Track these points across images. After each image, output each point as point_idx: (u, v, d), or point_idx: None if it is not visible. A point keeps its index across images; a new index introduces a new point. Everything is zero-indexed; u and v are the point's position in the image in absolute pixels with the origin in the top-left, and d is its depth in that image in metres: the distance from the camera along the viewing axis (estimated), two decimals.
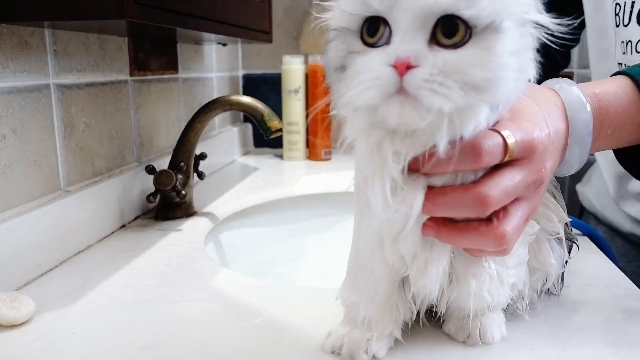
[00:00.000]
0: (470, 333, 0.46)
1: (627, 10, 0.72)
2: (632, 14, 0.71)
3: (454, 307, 0.46)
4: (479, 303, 0.44)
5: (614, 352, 0.46)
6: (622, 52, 0.74)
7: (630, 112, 0.46)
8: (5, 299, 0.51)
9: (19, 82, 0.62)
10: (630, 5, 0.72)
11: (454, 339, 0.48)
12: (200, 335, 0.49)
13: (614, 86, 0.47)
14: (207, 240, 0.81)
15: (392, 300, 0.44)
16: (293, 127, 1.31)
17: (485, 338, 0.46)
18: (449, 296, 0.44)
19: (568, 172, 0.47)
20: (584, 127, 0.44)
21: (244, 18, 0.93)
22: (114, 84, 0.82)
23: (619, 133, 0.47)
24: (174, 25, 0.67)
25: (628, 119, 0.46)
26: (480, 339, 0.46)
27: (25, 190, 0.63)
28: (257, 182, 1.10)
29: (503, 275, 0.44)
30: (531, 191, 0.41)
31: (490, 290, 0.44)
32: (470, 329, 0.46)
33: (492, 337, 0.46)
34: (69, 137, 0.71)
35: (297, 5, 1.40)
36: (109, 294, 0.58)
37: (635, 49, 0.71)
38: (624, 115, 0.46)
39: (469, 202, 0.38)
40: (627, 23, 0.72)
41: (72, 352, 0.47)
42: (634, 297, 0.55)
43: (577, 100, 0.44)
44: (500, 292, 0.45)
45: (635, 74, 0.47)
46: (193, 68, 1.13)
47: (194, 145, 0.87)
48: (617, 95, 0.46)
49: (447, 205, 0.38)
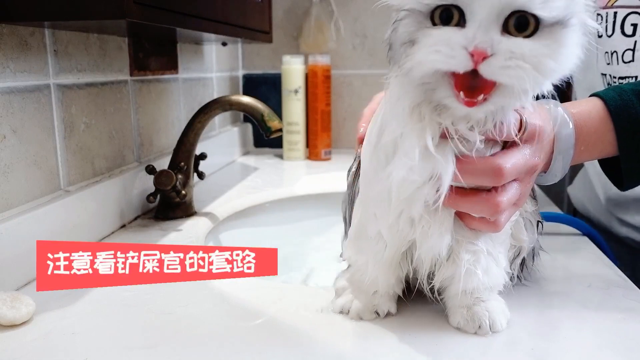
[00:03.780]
0: (480, 323, 0.48)
1: (610, 21, 0.72)
2: (616, 24, 0.72)
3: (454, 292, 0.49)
4: (472, 281, 0.47)
5: (614, 352, 0.46)
6: (607, 62, 0.74)
7: (602, 132, 0.52)
8: (5, 299, 0.51)
9: (19, 82, 0.62)
10: (613, 16, 0.72)
11: (464, 331, 0.49)
12: (200, 335, 0.49)
13: (588, 107, 0.52)
14: (207, 240, 0.81)
15: (396, 260, 0.49)
16: (293, 127, 1.31)
17: (494, 327, 0.48)
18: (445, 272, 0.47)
19: (552, 180, 0.53)
20: (567, 140, 0.50)
21: (244, 18, 0.93)
22: (114, 84, 0.82)
23: (592, 149, 0.52)
24: (174, 25, 0.67)
25: (599, 137, 0.52)
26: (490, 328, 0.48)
27: (25, 190, 0.63)
28: (257, 182, 1.10)
29: (496, 255, 0.48)
30: (526, 175, 0.47)
31: (486, 268, 0.47)
32: (479, 319, 0.48)
33: (500, 324, 0.49)
34: (69, 137, 0.71)
35: (297, 5, 1.40)
36: (109, 294, 0.58)
37: (622, 59, 0.72)
38: (596, 135, 0.52)
39: (489, 171, 0.43)
40: (610, 34, 0.73)
41: (72, 352, 0.47)
42: (634, 297, 0.56)
43: (562, 118, 0.50)
44: (496, 272, 0.48)
45: (608, 97, 0.52)
46: (193, 68, 1.13)
47: (194, 145, 0.87)
48: (590, 116, 0.52)
49: (470, 173, 0.43)
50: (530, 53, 0.36)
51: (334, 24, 1.38)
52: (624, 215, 0.82)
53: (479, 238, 0.47)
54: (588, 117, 0.52)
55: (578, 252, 0.69)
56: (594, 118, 0.52)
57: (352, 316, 0.52)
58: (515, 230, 0.52)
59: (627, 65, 0.71)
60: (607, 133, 0.52)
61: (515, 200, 0.46)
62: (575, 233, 0.75)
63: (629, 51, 0.71)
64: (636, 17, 0.70)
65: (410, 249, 0.48)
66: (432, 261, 0.47)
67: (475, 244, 0.47)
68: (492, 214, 0.45)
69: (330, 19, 1.38)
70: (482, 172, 0.43)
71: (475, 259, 0.47)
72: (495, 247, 0.48)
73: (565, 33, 0.37)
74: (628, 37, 0.71)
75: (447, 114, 0.41)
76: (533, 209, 0.54)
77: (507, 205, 0.45)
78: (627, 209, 0.81)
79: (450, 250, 0.47)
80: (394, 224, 0.46)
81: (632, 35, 0.70)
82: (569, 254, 0.68)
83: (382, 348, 0.47)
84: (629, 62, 0.71)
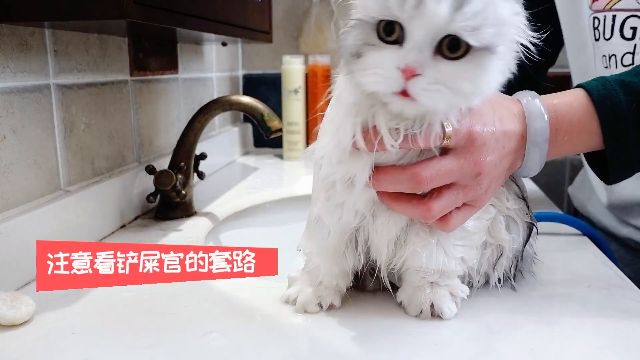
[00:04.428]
0: (422, 308, 0.51)
1: (609, 24, 0.72)
2: (615, 28, 0.71)
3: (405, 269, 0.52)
4: (415, 260, 0.50)
5: (614, 352, 0.46)
6: (604, 66, 0.74)
7: (586, 121, 0.52)
8: (5, 299, 0.51)
9: (19, 82, 0.62)
10: (612, 19, 0.71)
11: (407, 313, 0.52)
12: (201, 335, 0.49)
13: (571, 98, 0.53)
14: (207, 240, 0.81)
15: (340, 250, 0.52)
16: (293, 127, 1.31)
17: (442, 313, 0.50)
18: (398, 254, 0.50)
19: (528, 174, 0.53)
20: (540, 133, 0.51)
21: (244, 18, 0.93)
22: (114, 84, 0.82)
23: (576, 140, 0.52)
24: (174, 25, 0.68)
25: (583, 127, 0.52)
26: (432, 315, 0.51)
27: (25, 190, 0.63)
28: (257, 182, 1.10)
29: (446, 246, 0.50)
30: (469, 180, 0.48)
31: (430, 254, 0.49)
32: (420, 303, 0.51)
33: (445, 311, 0.50)
34: (69, 137, 0.71)
35: (297, 5, 1.40)
36: (109, 294, 0.58)
37: (622, 62, 0.72)
38: (579, 124, 0.52)
39: (405, 178, 0.46)
40: (608, 37, 0.72)
41: (72, 352, 0.47)
42: (634, 297, 0.56)
43: (537, 111, 0.51)
44: (444, 261, 0.50)
45: (591, 87, 0.53)
46: (193, 68, 1.13)
47: (194, 145, 0.87)
48: (572, 106, 0.52)
49: (387, 182, 0.46)
50: (451, 77, 0.40)
51: (334, 24, 1.38)
52: (627, 217, 0.82)
53: (431, 229, 0.50)
54: (570, 107, 0.52)
55: (578, 252, 0.69)
56: (576, 108, 0.52)
57: (297, 308, 0.53)
58: (493, 228, 0.53)
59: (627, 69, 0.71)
60: (592, 122, 0.52)
61: (457, 205, 0.48)
62: (575, 233, 0.75)
63: (628, 54, 0.71)
64: (635, 21, 0.70)
65: (358, 239, 0.51)
66: (389, 248, 0.50)
67: (427, 233, 0.49)
68: (425, 218, 0.47)
69: (330, 19, 1.38)
70: (399, 180, 0.46)
71: (423, 244, 0.49)
72: (450, 240, 0.50)
73: (490, 59, 0.41)
74: (627, 41, 0.71)
75: (381, 111, 0.44)
76: (516, 207, 0.54)
77: (440, 211, 0.47)
78: (631, 212, 0.81)
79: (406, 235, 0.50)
80: (335, 211, 0.50)
81: (631, 38, 0.70)
82: (569, 254, 0.68)
83: (383, 348, 0.47)
84: (629, 66, 0.71)
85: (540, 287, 0.58)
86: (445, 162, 0.46)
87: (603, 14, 0.72)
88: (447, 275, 0.51)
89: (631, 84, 0.52)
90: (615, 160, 0.53)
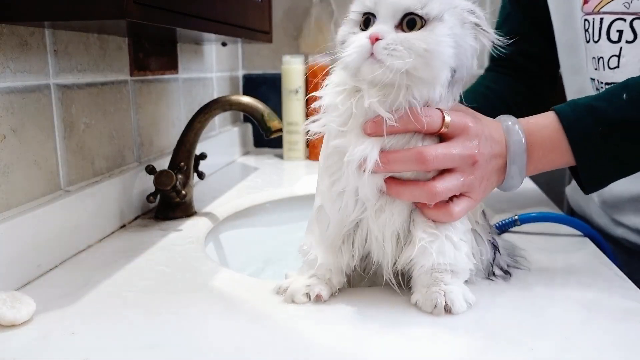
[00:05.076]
0: (436, 303, 0.51)
1: (597, 27, 0.73)
2: (602, 30, 0.72)
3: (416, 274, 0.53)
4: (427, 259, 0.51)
5: (614, 352, 0.46)
6: (594, 67, 0.75)
7: (557, 139, 0.58)
8: (5, 299, 0.51)
9: (19, 82, 0.62)
10: (600, 22, 0.72)
11: (422, 310, 0.52)
12: (200, 335, 0.49)
13: (543, 119, 0.59)
14: (207, 240, 0.81)
15: (337, 243, 0.55)
16: (293, 127, 1.31)
17: (454, 307, 0.51)
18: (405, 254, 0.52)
19: (511, 188, 0.58)
20: (517, 147, 0.57)
21: (244, 18, 0.93)
22: (114, 84, 0.82)
23: (551, 155, 0.59)
24: (174, 25, 0.68)
25: (555, 144, 0.58)
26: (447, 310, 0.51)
27: (25, 190, 0.63)
28: (257, 182, 1.10)
29: (456, 241, 0.52)
30: (467, 166, 0.53)
31: (440, 250, 0.51)
32: (434, 298, 0.51)
33: (456, 305, 0.51)
34: (69, 137, 0.71)
35: (297, 5, 1.40)
36: (109, 294, 0.58)
37: (608, 65, 0.72)
38: (551, 142, 0.58)
39: (412, 156, 0.50)
40: (597, 39, 0.73)
41: (72, 352, 0.47)
42: (634, 297, 0.56)
43: (512, 128, 0.57)
44: (455, 255, 0.52)
45: (561, 111, 0.59)
46: (193, 68, 1.13)
47: (194, 145, 0.87)
48: (544, 125, 0.59)
49: (395, 160, 0.50)
50: (407, 39, 0.48)
51: (334, 24, 1.38)
52: (619, 216, 0.82)
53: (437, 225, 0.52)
54: (543, 126, 0.59)
55: (578, 252, 0.69)
56: (548, 127, 0.58)
57: (286, 298, 0.55)
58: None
59: (613, 72, 0.71)
60: (562, 141, 0.58)
61: (458, 189, 0.53)
62: (575, 234, 0.75)
63: (614, 57, 0.71)
64: (621, 24, 0.70)
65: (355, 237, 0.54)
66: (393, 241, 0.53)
67: (434, 228, 0.52)
68: (429, 199, 0.51)
69: (330, 19, 1.38)
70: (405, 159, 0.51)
71: (431, 240, 0.51)
72: (457, 234, 0.53)
73: (439, 25, 0.49)
74: (613, 44, 0.71)
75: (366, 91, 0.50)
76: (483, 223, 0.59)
77: (444, 191, 0.51)
78: (622, 210, 0.81)
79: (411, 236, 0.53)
80: (337, 199, 0.53)
81: (617, 41, 0.71)
82: (569, 255, 0.68)
83: (383, 348, 0.47)
84: (615, 68, 0.71)
85: (540, 287, 0.58)
86: (445, 146, 0.52)
87: (592, 16, 0.73)
88: (457, 275, 0.53)
89: (600, 108, 0.58)
90: (585, 174, 0.59)
